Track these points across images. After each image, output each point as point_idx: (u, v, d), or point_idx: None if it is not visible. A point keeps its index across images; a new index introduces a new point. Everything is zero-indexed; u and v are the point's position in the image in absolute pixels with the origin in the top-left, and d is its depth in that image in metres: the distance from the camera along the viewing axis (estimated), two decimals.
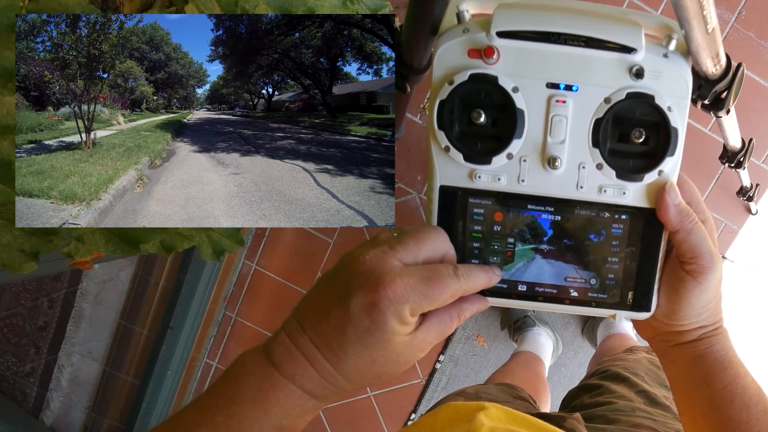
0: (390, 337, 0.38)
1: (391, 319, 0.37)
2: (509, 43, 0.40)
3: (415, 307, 0.38)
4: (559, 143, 0.42)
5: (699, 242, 0.42)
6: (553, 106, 0.41)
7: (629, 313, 0.46)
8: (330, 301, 0.39)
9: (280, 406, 0.39)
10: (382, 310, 0.37)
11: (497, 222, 0.44)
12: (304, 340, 0.39)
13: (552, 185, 0.43)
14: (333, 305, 0.39)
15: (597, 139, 0.41)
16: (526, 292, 0.46)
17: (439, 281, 0.39)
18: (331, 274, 0.41)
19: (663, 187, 0.42)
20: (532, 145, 0.42)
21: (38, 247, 0.64)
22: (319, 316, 0.39)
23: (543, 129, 0.42)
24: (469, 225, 0.44)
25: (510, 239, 0.44)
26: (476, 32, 0.41)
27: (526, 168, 0.42)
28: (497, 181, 0.43)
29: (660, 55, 0.40)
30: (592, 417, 0.73)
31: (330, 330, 0.39)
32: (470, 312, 0.43)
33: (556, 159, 0.42)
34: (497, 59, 0.41)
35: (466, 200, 0.44)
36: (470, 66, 0.41)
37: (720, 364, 0.45)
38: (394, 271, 0.38)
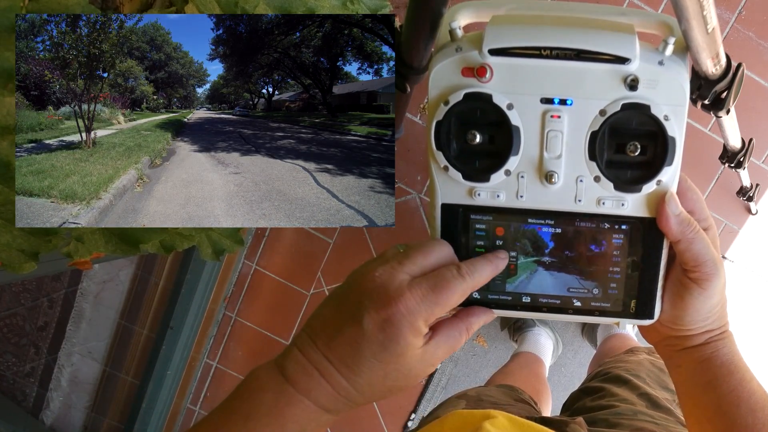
0: (404, 351, 0.39)
1: (405, 333, 0.38)
2: (502, 60, 0.40)
3: (427, 317, 0.39)
4: (556, 158, 0.42)
5: (701, 250, 0.42)
6: (549, 121, 0.41)
7: (633, 320, 0.46)
8: (342, 317, 0.40)
9: (295, 421, 0.40)
10: (397, 325, 0.38)
11: (499, 236, 0.45)
12: (318, 356, 0.40)
13: (550, 199, 0.43)
14: (346, 322, 0.40)
15: (593, 152, 0.41)
16: (530, 303, 0.46)
17: (446, 285, 0.40)
18: (341, 291, 0.42)
19: (663, 198, 0.42)
20: (528, 161, 0.42)
21: (38, 247, 0.64)
22: (332, 333, 0.40)
23: (539, 145, 0.41)
24: (472, 240, 0.45)
25: (512, 253, 0.45)
26: (469, 50, 0.40)
27: (524, 184, 0.43)
28: (496, 198, 0.43)
29: (655, 63, 0.40)
30: (595, 420, 0.73)
31: (344, 346, 0.39)
32: (477, 324, 0.44)
33: (553, 174, 0.42)
34: (490, 77, 0.40)
35: (467, 216, 0.44)
36: (464, 85, 0.41)
37: (726, 368, 0.45)
38: (404, 285, 0.39)
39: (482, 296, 0.46)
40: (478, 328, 0.44)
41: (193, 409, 1.80)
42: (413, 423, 1.79)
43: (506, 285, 0.46)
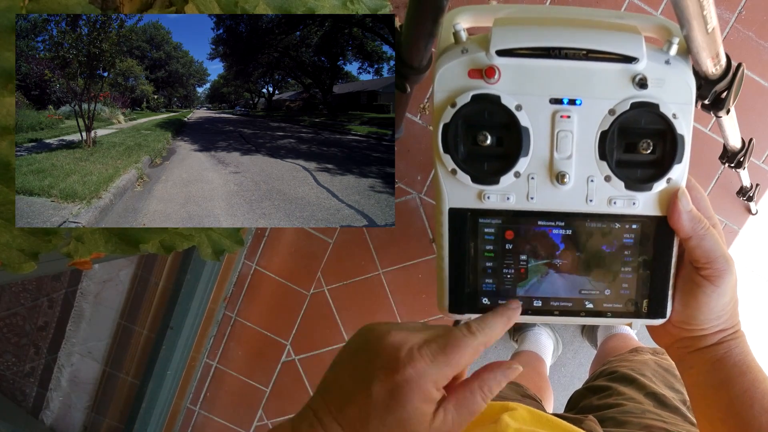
0: (411, 416, 0.38)
1: (413, 398, 0.38)
2: (509, 61, 0.40)
3: (438, 378, 0.39)
4: (566, 158, 0.41)
5: (713, 247, 0.42)
6: (558, 121, 0.41)
7: (645, 320, 0.46)
8: (354, 381, 0.40)
9: None
10: (405, 389, 0.38)
11: (509, 240, 0.44)
12: (329, 419, 0.40)
13: (561, 200, 0.42)
14: (357, 386, 0.40)
15: (604, 151, 0.41)
16: (542, 307, 0.46)
17: (456, 344, 0.39)
18: (354, 348, 0.42)
19: (675, 195, 0.42)
20: (539, 162, 0.42)
21: (38, 246, 0.64)
22: (343, 399, 0.40)
23: (549, 145, 0.41)
24: (481, 245, 0.44)
25: (522, 256, 0.44)
26: (475, 52, 0.40)
27: (534, 185, 0.42)
28: (506, 200, 0.43)
29: (662, 62, 0.40)
30: (603, 419, 0.73)
31: (354, 411, 0.39)
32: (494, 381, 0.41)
33: (565, 175, 0.41)
34: (498, 78, 0.40)
35: (476, 221, 0.44)
36: (472, 87, 0.41)
37: (739, 368, 0.45)
38: (414, 348, 0.39)
39: (492, 302, 0.46)
40: (496, 385, 0.41)
41: (193, 409, 1.80)
42: None
43: (517, 289, 0.45)
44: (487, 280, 0.45)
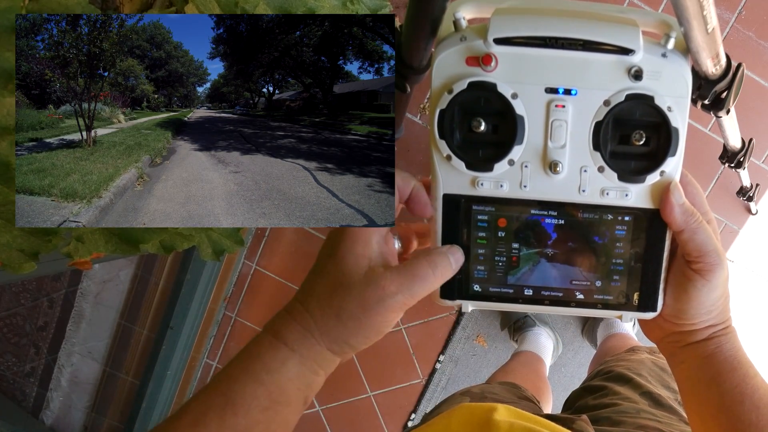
0: (345, 255, 0.40)
1: (346, 236, 0.41)
2: (507, 49, 0.40)
3: (382, 234, 0.42)
4: (560, 148, 0.41)
5: (705, 240, 0.42)
6: (553, 110, 0.41)
7: (635, 313, 0.46)
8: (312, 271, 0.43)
9: (260, 360, 0.41)
10: (341, 231, 0.41)
11: (501, 228, 0.44)
12: (299, 309, 0.42)
13: (554, 190, 0.43)
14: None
15: (598, 142, 0.41)
16: (533, 296, 0.46)
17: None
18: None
19: (667, 188, 0.42)
20: (533, 151, 0.42)
21: (38, 246, 0.64)
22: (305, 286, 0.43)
23: (543, 134, 0.41)
24: (474, 232, 0.44)
25: (515, 244, 0.44)
26: (473, 40, 0.40)
27: (527, 174, 0.42)
28: (500, 188, 0.43)
29: (658, 55, 0.40)
30: (597, 419, 0.73)
31: (307, 287, 0.42)
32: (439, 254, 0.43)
33: (558, 164, 0.41)
34: (495, 66, 0.40)
35: (469, 207, 0.44)
36: (469, 74, 0.41)
37: (729, 363, 0.45)
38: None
39: (483, 289, 0.46)
40: (439, 256, 0.42)
41: None
42: (413, 422, 1.79)
43: (508, 278, 0.45)
44: (479, 267, 0.45)
